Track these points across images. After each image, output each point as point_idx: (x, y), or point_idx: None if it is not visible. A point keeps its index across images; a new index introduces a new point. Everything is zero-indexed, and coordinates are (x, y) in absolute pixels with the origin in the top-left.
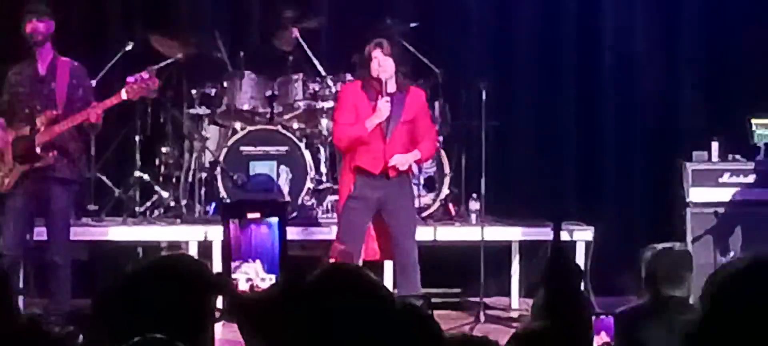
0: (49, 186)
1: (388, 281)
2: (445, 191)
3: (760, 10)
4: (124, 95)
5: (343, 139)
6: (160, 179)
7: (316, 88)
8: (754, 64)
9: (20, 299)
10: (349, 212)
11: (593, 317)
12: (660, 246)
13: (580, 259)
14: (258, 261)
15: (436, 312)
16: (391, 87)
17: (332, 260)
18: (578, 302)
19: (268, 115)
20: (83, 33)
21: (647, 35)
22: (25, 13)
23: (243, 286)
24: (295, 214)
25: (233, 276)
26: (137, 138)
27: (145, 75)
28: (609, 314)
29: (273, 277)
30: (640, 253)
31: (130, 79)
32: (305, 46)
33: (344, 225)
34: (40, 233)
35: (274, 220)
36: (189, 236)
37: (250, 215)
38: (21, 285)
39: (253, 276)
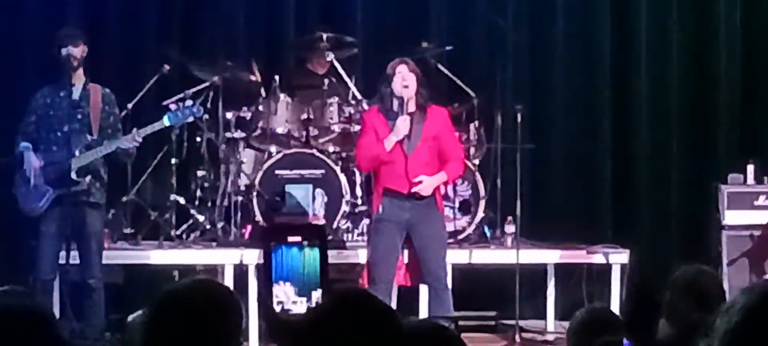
0: (83, 210)
1: (422, 306)
2: (481, 213)
3: None
4: (166, 122)
5: (363, 159)
6: (196, 202)
7: (352, 112)
8: None
9: None
10: (378, 234)
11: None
12: (687, 269)
13: (616, 282)
14: (288, 283)
15: (471, 335)
16: (411, 106)
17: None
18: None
19: (303, 139)
20: (118, 57)
21: (682, 58)
22: (62, 37)
23: (275, 308)
24: (330, 237)
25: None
26: (173, 162)
27: (188, 102)
28: None
29: (304, 300)
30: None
31: (172, 105)
32: (341, 70)
33: (374, 246)
34: (74, 257)
35: (310, 243)
36: (224, 259)
37: (290, 239)
38: (56, 308)
39: (283, 299)
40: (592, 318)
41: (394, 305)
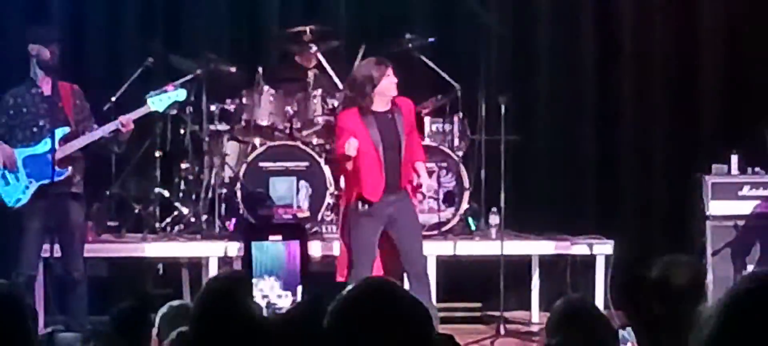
0: (65, 202)
1: None
2: (465, 205)
3: None
4: (151, 106)
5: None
6: (180, 195)
7: (335, 104)
8: None
9: (40, 317)
10: (359, 228)
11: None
12: (670, 259)
13: (600, 273)
14: (273, 278)
15: (456, 326)
16: (382, 106)
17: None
18: (593, 317)
19: (287, 131)
20: (102, 51)
21: (666, 48)
22: (41, 36)
23: (259, 302)
24: (315, 229)
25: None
26: (157, 154)
27: (169, 87)
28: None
29: (289, 294)
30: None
31: (154, 92)
32: (324, 63)
33: (355, 242)
34: (57, 250)
35: (294, 241)
36: (209, 251)
37: (272, 238)
38: (41, 302)
39: (268, 293)
40: (571, 308)
41: None
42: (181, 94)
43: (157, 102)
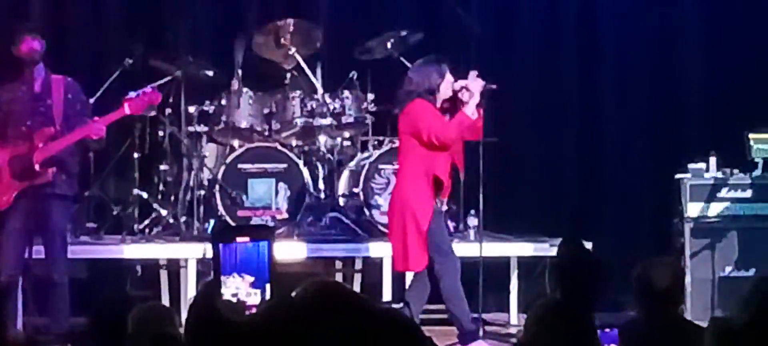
0: (48, 203)
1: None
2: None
3: (759, 26)
4: (127, 109)
5: (450, 130)
6: (159, 196)
7: (314, 106)
8: (752, 80)
9: (19, 318)
10: (440, 226)
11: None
12: (650, 261)
13: None
14: (245, 275)
15: (434, 328)
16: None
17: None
18: (573, 317)
19: (266, 133)
20: (81, 51)
21: (647, 52)
22: (23, 32)
23: (229, 299)
24: (295, 232)
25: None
26: (136, 156)
27: (147, 89)
28: (613, 327)
29: (259, 292)
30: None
31: (131, 94)
32: (303, 64)
33: (442, 237)
34: (38, 252)
35: (262, 241)
36: (187, 253)
37: (239, 239)
38: (20, 304)
39: (238, 290)
40: (551, 308)
41: None
42: (155, 99)
43: (133, 106)
